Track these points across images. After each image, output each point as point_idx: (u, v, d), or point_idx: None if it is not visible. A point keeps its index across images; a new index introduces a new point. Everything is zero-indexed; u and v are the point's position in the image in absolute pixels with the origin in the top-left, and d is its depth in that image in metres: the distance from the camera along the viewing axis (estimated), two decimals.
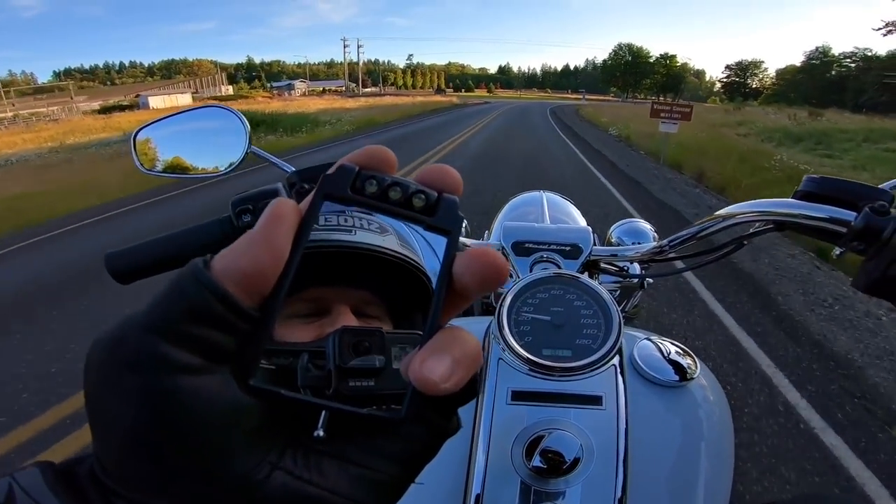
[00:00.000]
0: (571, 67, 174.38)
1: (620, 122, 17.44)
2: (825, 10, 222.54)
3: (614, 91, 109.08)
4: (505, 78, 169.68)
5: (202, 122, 0.66)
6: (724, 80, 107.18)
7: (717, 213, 0.51)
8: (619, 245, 0.81)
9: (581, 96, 67.17)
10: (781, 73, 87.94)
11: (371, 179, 0.20)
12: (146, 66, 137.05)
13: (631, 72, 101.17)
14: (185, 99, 48.43)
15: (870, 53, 66.02)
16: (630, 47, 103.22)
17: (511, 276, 0.58)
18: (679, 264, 0.57)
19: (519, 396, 0.41)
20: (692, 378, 0.47)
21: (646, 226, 0.87)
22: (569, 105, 46.61)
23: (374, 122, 18.22)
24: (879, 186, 0.45)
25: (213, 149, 0.65)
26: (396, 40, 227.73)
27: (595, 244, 0.62)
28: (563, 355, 0.42)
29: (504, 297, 0.46)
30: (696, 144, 9.14)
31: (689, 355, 0.50)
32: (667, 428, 0.45)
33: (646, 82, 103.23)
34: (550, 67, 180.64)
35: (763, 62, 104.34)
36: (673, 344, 0.51)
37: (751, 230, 0.51)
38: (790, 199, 0.46)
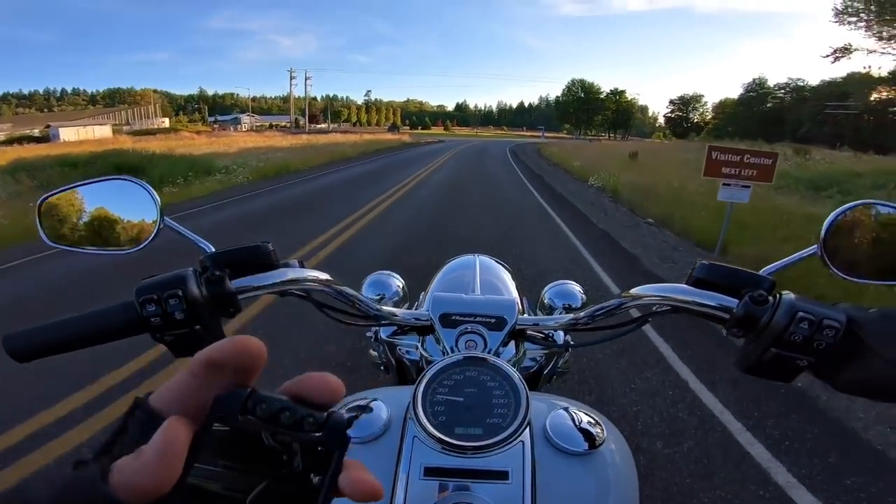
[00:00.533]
0: (526, 104, 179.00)
1: (595, 166, 14.22)
2: (760, 43, 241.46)
3: (567, 128, 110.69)
4: (462, 115, 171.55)
5: (112, 193, 0.63)
6: (668, 114, 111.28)
7: (629, 292, 0.57)
8: (550, 306, 0.85)
9: (540, 134, 64.14)
10: (720, 107, 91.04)
11: (262, 403, 0.21)
12: (90, 93, 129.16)
13: (584, 108, 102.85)
14: (102, 131, 42.70)
15: (802, 83, 69.20)
16: (582, 83, 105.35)
17: (440, 346, 0.63)
18: (599, 335, 0.62)
19: (431, 472, 0.43)
20: (600, 444, 0.48)
21: (576, 288, 0.88)
22: (528, 143, 43.59)
23: (289, 168, 14.13)
24: (760, 272, 0.48)
25: (126, 221, 0.62)
26: (357, 75, 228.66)
27: (524, 311, 0.69)
28: (474, 433, 0.44)
29: (419, 381, 0.48)
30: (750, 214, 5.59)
31: (599, 423, 0.52)
32: (576, 495, 0.46)
33: (597, 118, 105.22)
34: (506, 105, 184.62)
35: (703, 96, 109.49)
36: (586, 412, 0.53)
37: (653, 309, 0.55)
38: (684, 286, 0.51)
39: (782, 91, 75.66)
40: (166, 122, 74.81)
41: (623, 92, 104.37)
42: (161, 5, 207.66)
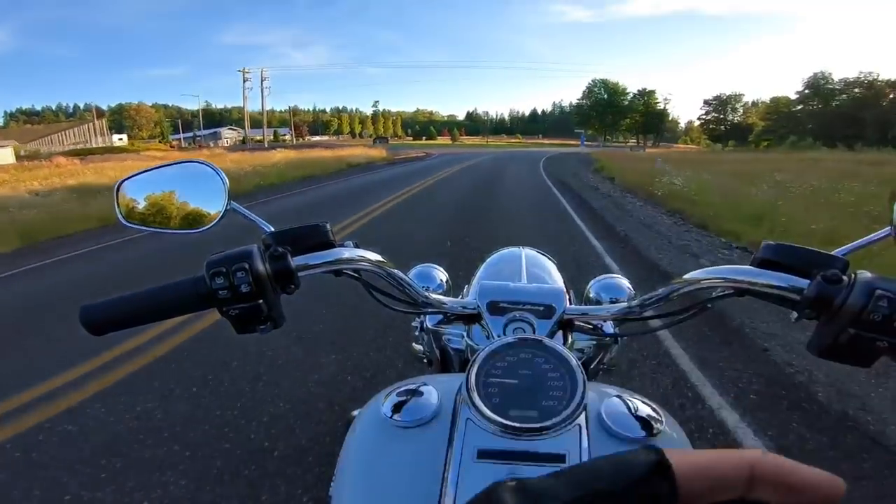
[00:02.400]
0: (539, 111, 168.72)
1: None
2: (775, 41, 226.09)
3: (590, 133, 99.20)
4: (473, 124, 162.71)
5: (184, 177, 0.67)
6: (703, 116, 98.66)
7: (685, 277, 0.55)
8: (596, 300, 0.82)
9: (579, 143, 47.88)
10: (773, 106, 78.63)
11: None
12: (103, 109, 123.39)
13: (608, 111, 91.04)
14: (3, 154, 32.80)
15: (881, 78, 57.62)
16: (605, 84, 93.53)
17: (487, 336, 0.63)
18: (654, 323, 0.61)
19: (485, 455, 0.42)
20: (658, 433, 0.46)
21: (623, 282, 0.84)
22: (566, 155, 32.51)
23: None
24: (833, 252, 0.47)
25: (195, 203, 0.66)
26: (364, 86, 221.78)
27: (571, 302, 0.66)
28: (529, 416, 0.43)
29: (473, 362, 0.48)
30: None
31: (656, 410, 0.50)
32: None
33: (624, 122, 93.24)
34: (518, 112, 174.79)
35: (742, 95, 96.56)
36: (642, 400, 0.51)
37: (714, 294, 0.54)
38: (748, 267, 0.49)
39: (856, 87, 63.71)
40: (124, 140, 67.00)
41: (652, 92, 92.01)
42: (175, 19, 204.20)
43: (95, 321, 0.49)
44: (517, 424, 0.43)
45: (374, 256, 0.58)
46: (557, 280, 0.89)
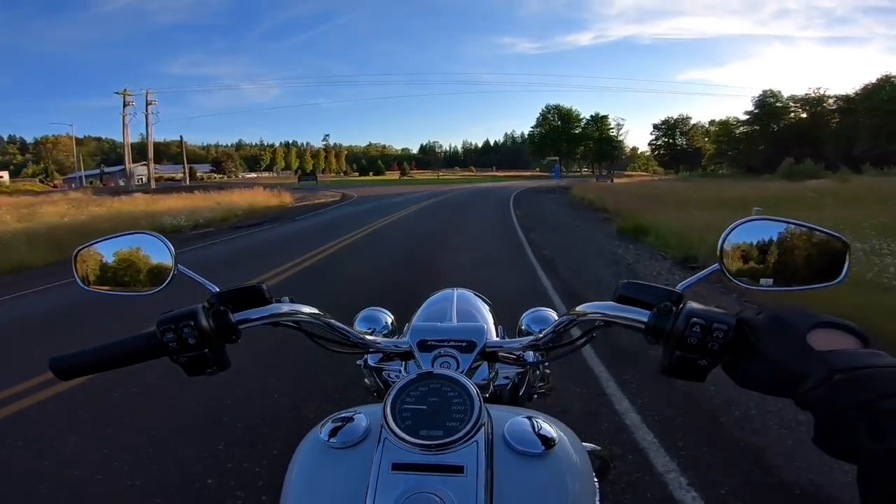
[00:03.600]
0: (492, 143, 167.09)
1: None
2: (700, 72, 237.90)
3: (545, 163, 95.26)
4: (426, 157, 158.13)
5: (134, 245, 0.74)
6: (654, 142, 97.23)
7: (575, 309, 0.64)
8: (527, 331, 0.91)
9: (552, 175, 40.40)
10: (722, 128, 76.84)
11: None
12: (28, 141, 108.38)
13: (562, 138, 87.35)
14: None
15: (840, 94, 55.86)
16: (558, 109, 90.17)
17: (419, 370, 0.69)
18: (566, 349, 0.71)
19: (398, 467, 0.49)
20: (553, 446, 0.52)
21: (551, 314, 0.94)
22: (538, 194, 26.34)
23: None
24: (674, 288, 0.55)
25: (145, 268, 0.73)
26: (316, 121, 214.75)
27: (498, 336, 0.79)
28: (434, 434, 0.50)
29: (389, 393, 0.55)
30: None
31: (555, 426, 0.55)
32: (531, 491, 0.50)
33: (579, 150, 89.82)
34: (472, 144, 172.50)
35: (690, 118, 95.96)
36: (546, 421, 0.56)
37: (595, 324, 0.62)
38: (611, 303, 0.59)
39: (801, 104, 62.19)
40: (5, 177, 56.06)
41: (605, 118, 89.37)
42: (115, 49, 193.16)
43: (62, 370, 0.59)
44: (422, 441, 0.49)
45: (309, 309, 0.66)
46: (485, 317, 0.95)
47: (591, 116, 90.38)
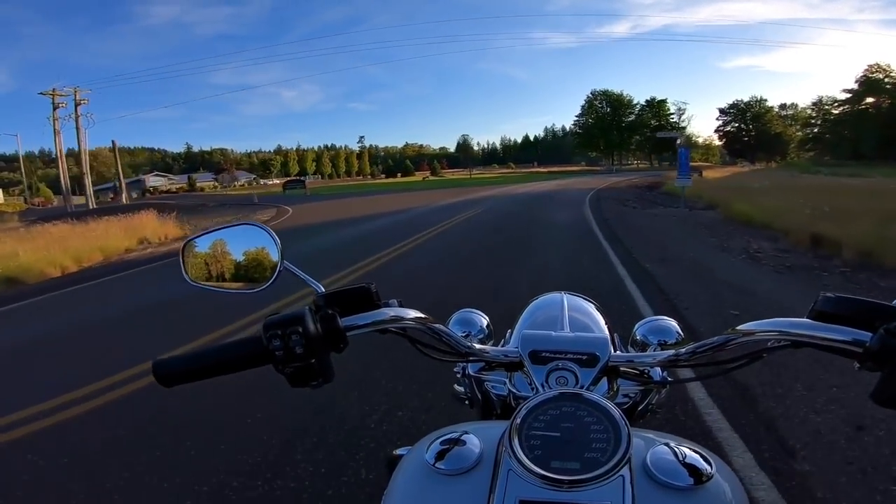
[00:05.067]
0: (531, 138, 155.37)
1: None
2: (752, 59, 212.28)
3: (594, 156, 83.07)
4: (464, 156, 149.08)
5: (242, 238, 0.71)
6: (721, 128, 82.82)
7: (738, 328, 0.53)
8: (643, 343, 0.80)
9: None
10: (817, 109, 62.54)
11: None
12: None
13: (615, 127, 75.16)
14: None
15: None
16: (607, 95, 77.96)
17: (529, 384, 0.62)
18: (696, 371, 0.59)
19: None
20: (708, 479, 0.44)
21: (672, 324, 0.81)
22: (622, 201, 16.29)
23: None
24: (894, 303, 0.46)
25: (251, 263, 0.69)
26: (351, 122, 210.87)
27: (617, 349, 0.66)
28: (570, 468, 0.42)
29: (515, 416, 0.48)
30: None
31: (706, 456, 0.47)
32: None
33: (633, 140, 77.25)
34: (510, 140, 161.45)
35: (766, 99, 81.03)
36: (691, 447, 0.48)
37: (769, 345, 0.52)
38: (806, 320, 0.48)
39: None
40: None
41: (663, 102, 76.58)
42: (163, 60, 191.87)
43: (165, 375, 0.53)
44: (558, 476, 0.42)
45: (416, 314, 0.59)
46: (601, 326, 0.86)
47: (647, 101, 77.58)
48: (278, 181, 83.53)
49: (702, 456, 0.46)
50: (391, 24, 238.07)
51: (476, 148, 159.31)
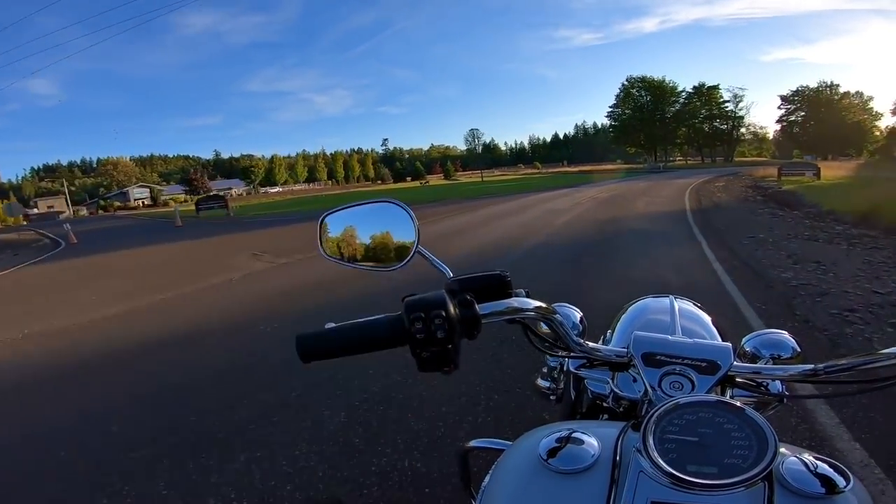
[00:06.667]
0: (561, 136, 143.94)
1: None
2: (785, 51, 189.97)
3: (632, 152, 71.29)
4: (491, 156, 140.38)
5: (377, 215, 0.70)
6: (785, 118, 69.68)
7: (886, 350, 0.49)
8: (753, 356, 0.72)
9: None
10: None
11: None
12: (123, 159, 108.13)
13: (657, 118, 63.42)
14: None
15: None
16: (645, 82, 66.26)
17: (635, 383, 0.60)
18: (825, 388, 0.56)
19: None
20: (841, 491, 0.42)
21: (787, 338, 0.72)
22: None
23: None
24: None
25: (388, 241, 0.68)
26: (383, 127, 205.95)
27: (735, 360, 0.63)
28: (707, 472, 0.41)
29: (650, 415, 0.45)
30: None
31: (840, 469, 0.45)
32: None
33: (681, 133, 65.15)
34: (538, 139, 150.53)
35: (839, 85, 67.49)
36: (823, 459, 0.46)
37: None
38: None
39: None
40: None
41: (715, 88, 64.23)
42: (201, 70, 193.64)
43: (308, 351, 0.51)
44: (697, 480, 0.40)
45: (541, 304, 0.57)
46: (714, 334, 0.82)
47: (694, 88, 65.40)
48: (273, 190, 76.45)
49: (836, 469, 0.44)
50: (419, 27, 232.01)
51: (503, 148, 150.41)
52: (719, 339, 0.78)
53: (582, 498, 0.42)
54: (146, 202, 60.52)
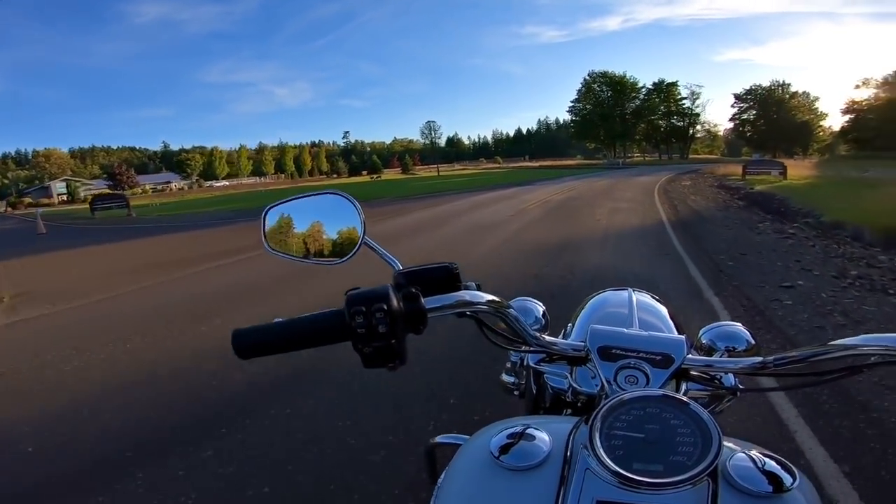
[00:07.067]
0: (524, 131, 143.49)
1: None
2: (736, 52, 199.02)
3: (591, 148, 70.39)
4: (454, 151, 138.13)
5: (322, 207, 0.68)
6: (737, 116, 70.72)
7: (837, 342, 0.48)
8: (709, 349, 0.72)
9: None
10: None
11: None
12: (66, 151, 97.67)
13: (617, 114, 62.52)
14: None
15: None
16: (607, 77, 65.18)
17: (593, 378, 0.59)
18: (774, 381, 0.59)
19: None
20: (788, 490, 0.41)
21: (742, 330, 0.73)
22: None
23: None
24: None
25: (331, 234, 0.67)
26: (346, 120, 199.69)
27: (689, 353, 0.61)
28: (653, 470, 0.40)
29: (597, 412, 0.44)
30: None
31: (787, 466, 0.44)
32: None
33: (640, 129, 64.70)
34: (502, 134, 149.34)
35: (790, 84, 69.03)
36: (771, 455, 0.45)
37: (871, 360, 0.47)
38: None
39: None
40: None
41: (673, 85, 64.13)
42: (157, 60, 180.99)
43: (244, 346, 0.49)
44: (643, 478, 0.39)
45: (494, 298, 0.55)
46: (671, 327, 0.81)
47: (654, 84, 65.04)
48: (219, 184, 71.01)
49: (783, 466, 0.43)
50: (383, 20, 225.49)
51: (467, 142, 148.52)
52: (675, 332, 0.77)
53: (531, 496, 0.41)
54: (65, 198, 53.98)
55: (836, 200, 8.22)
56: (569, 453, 0.44)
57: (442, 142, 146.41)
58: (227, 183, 71.31)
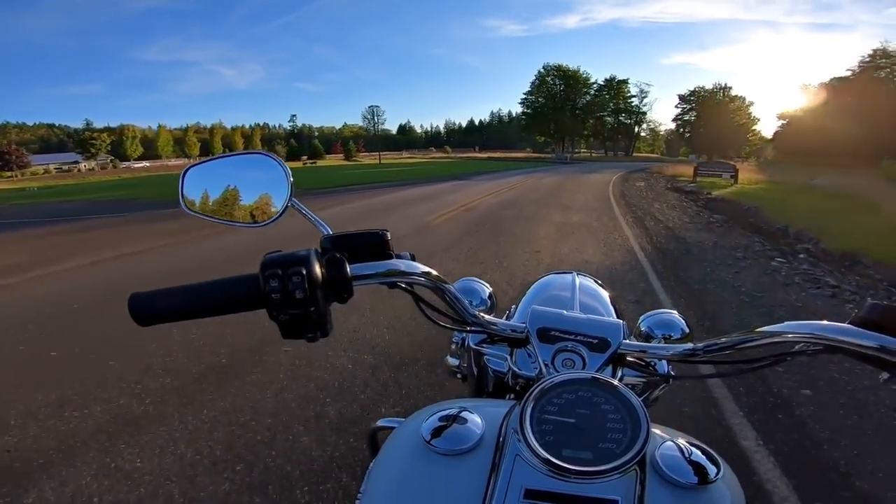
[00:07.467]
0: (476, 122, 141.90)
1: None
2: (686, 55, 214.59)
3: (541, 141, 69.48)
4: (406, 138, 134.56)
5: (248, 168, 0.65)
6: (680, 117, 72.44)
7: (763, 329, 0.48)
8: (647, 335, 0.72)
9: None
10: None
11: None
12: None
13: (568, 108, 61.61)
14: None
15: None
16: (561, 70, 64.10)
17: (533, 362, 0.57)
18: (709, 369, 0.55)
19: (532, 495, 0.38)
20: (713, 481, 0.41)
21: (677, 318, 0.74)
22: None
23: None
24: None
25: (257, 197, 0.64)
26: (299, 104, 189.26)
27: (626, 338, 0.60)
28: (583, 458, 0.39)
29: (528, 397, 0.43)
30: None
31: (712, 457, 0.44)
32: None
33: (588, 125, 64.31)
34: (454, 124, 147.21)
35: (731, 87, 71.36)
36: (698, 445, 0.45)
37: (796, 348, 0.47)
38: (845, 325, 0.43)
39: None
40: None
41: (624, 83, 64.15)
42: (90, 36, 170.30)
43: (143, 312, 0.44)
44: (571, 466, 0.38)
45: (429, 270, 0.53)
46: (612, 311, 0.81)
47: (606, 81, 64.84)
48: (137, 165, 63.30)
49: (709, 456, 0.43)
50: (345, 4, 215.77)
51: (419, 130, 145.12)
52: (615, 317, 0.76)
53: (460, 481, 0.40)
54: None
55: (821, 217, 6.91)
56: (501, 439, 0.42)
57: (391, 128, 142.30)
58: (147, 164, 63.79)
